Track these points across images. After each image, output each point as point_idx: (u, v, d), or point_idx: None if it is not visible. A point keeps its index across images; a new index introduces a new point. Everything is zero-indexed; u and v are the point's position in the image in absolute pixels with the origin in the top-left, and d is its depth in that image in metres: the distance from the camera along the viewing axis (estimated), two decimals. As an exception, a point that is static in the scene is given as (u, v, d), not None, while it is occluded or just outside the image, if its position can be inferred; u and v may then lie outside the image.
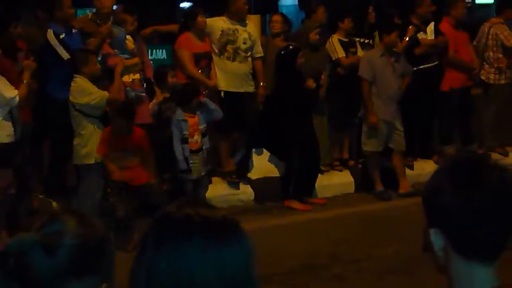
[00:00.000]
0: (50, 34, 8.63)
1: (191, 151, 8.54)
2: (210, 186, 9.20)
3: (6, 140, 7.95)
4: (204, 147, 8.66)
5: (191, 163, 8.52)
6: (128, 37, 8.98)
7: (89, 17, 9.45)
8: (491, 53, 11.49)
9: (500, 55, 11.45)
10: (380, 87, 10.01)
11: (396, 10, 11.60)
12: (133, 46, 9.03)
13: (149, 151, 8.28)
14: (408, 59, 10.43)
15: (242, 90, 9.82)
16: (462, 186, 2.10)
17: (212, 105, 8.78)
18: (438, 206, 2.12)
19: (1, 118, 8.00)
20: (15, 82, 8.00)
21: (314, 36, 10.20)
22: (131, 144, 8.12)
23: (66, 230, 2.07)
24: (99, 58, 8.74)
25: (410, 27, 10.64)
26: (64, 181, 9.00)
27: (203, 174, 8.72)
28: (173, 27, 10.52)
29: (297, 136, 9.61)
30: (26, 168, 8.30)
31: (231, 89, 9.73)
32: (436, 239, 2.13)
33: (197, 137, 8.60)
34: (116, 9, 9.28)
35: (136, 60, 8.99)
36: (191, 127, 8.55)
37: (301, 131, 9.65)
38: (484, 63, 11.56)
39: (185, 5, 36.21)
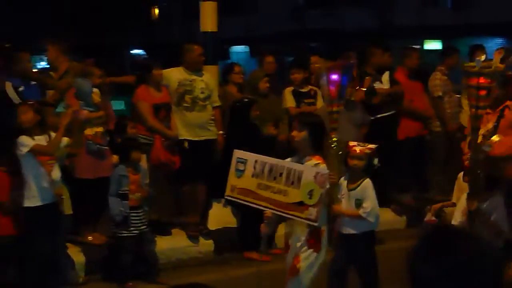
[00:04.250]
0: (8, 87, 8.58)
1: (131, 208, 8.48)
2: (169, 238, 9.15)
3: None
4: (145, 207, 8.64)
5: (132, 219, 8.46)
6: (95, 90, 8.96)
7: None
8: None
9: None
10: (338, 136, 10.06)
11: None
12: (99, 99, 9.01)
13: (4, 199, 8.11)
14: (366, 108, 10.53)
15: (203, 138, 9.84)
16: (435, 255, 2.15)
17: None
18: (414, 275, 2.16)
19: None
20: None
21: (263, 85, 10.37)
22: None
23: None
24: (62, 109, 8.72)
25: (366, 78, 10.77)
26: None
27: (144, 229, 8.61)
28: (129, 78, 10.56)
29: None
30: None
31: (192, 138, 9.75)
32: None
33: (138, 194, 8.54)
34: (86, 61, 9.30)
35: (100, 113, 8.96)
36: (132, 184, 8.51)
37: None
38: None
39: (136, 51, 36.31)
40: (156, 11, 38.79)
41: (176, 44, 11.33)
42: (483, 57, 7.73)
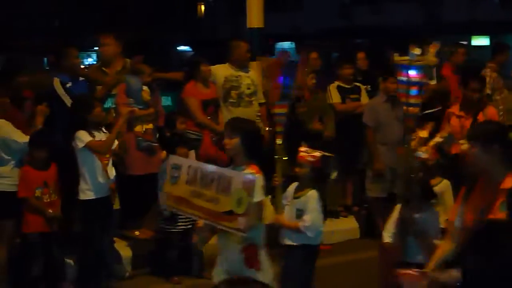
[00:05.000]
0: (56, 82, 8.68)
1: None
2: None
3: (12, 189, 8.00)
4: None
5: (179, 214, 8.34)
6: (145, 88, 9.02)
7: (97, 65, 9.54)
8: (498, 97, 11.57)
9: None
10: (384, 133, 10.05)
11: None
12: (149, 97, 9.08)
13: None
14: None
15: None
16: (486, 250, 2.14)
17: None
18: (465, 268, 2.17)
19: (12, 165, 8.05)
20: (22, 130, 8.09)
21: (309, 81, 10.35)
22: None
23: None
24: (111, 106, 8.80)
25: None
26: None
27: (190, 225, 8.54)
28: (177, 75, 10.63)
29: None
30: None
31: None
32: None
33: None
34: (135, 58, 9.37)
35: (150, 111, 9.03)
36: None
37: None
38: None
39: (182, 48, 36.48)
40: (202, 8, 38.89)
41: (222, 41, 11.39)
42: (417, 51, 7.33)
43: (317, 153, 7.07)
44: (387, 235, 6.90)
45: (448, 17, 31.42)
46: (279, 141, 7.29)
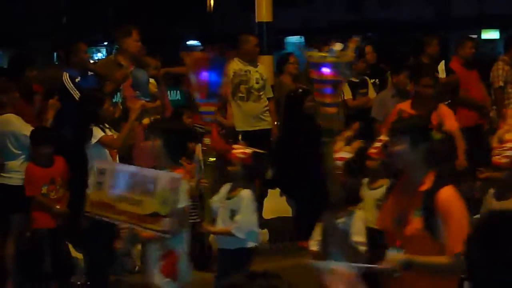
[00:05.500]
0: (66, 77, 8.71)
1: None
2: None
3: (22, 183, 8.03)
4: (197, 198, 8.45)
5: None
6: (151, 80, 9.05)
7: (112, 58, 9.54)
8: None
9: None
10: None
11: (410, 50, 11.70)
12: (156, 89, 9.10)
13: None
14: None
15: (258, 128, 9.90)
16: (486, 243, 2.14)
17: None
18: (470, 261, 2.17)
19: (22, 159, 8.08)
20: (31, 124, 8.12)
21: (317, 75, 10.33)
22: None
23: None
24: (118, 100, 8.83)
25: (423, 67, 10.69)
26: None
27: (197, 219, 8.36)
28: (185, 69, 10.61)
29: (307, 176, 9.61)
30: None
31: (247, 128, 9.81)
32: None
33: (192, 184, 8.47)
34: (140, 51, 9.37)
35: (157, 103, 9.05)
36: (186, 173, 8.44)
37: (311, 171, 9.66)
38: None
39: (191, 43, 36.45)
40: (212, 2, 38.86)
41: (231, 35, 11.40)
42: (338, 46, 6.84)
43: (248, 150, 6.87)
44: (313, 243, 6.44)
45: (458, 10, 31.31)
46: (206, 141, 7.06)
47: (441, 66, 11.02)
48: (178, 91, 11.13)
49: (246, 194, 6.82)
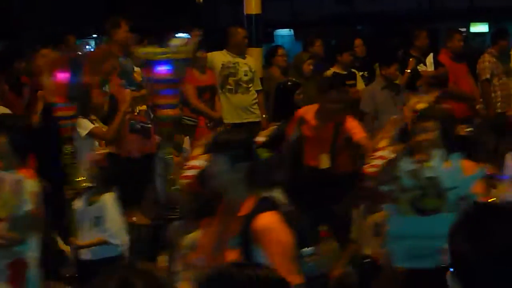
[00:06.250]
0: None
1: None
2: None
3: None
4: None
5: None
6: (136, 69, 9.03)
7: (106, 49, 9.54)
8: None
9: None
10: (381, 120, 10.04)
11: (400, 43, 11.73)
12: (141, 78, 9.08)
13: None
14: (410, 91, 10.48)
15: (246, 120, 9.91)
16: (470, 236, 2.16)
17: None
18: (454, 253, 2.19)
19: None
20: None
21: (307, 68, 10.34)
22: None
23: None
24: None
25: (410, 59, 10.74)
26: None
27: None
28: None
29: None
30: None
31: (236, 120, 9.83)
32: (452, 280, 2.21)
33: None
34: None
35: (143, 92, 9.02)
36: (175, 165, 8.47)
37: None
38: None
39: (181, 35, 36.42)
40: (201, -6, 38.82)
41: (220, 28, 11.41)
42: (177, 41, 6.46)
43: (103, 151, 6.64)
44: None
45: (448, 3, 31.33)
46: (67, 149, 6.72)
47: (430, 59, 11.06)
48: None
49: (109, 197, 6.53)
